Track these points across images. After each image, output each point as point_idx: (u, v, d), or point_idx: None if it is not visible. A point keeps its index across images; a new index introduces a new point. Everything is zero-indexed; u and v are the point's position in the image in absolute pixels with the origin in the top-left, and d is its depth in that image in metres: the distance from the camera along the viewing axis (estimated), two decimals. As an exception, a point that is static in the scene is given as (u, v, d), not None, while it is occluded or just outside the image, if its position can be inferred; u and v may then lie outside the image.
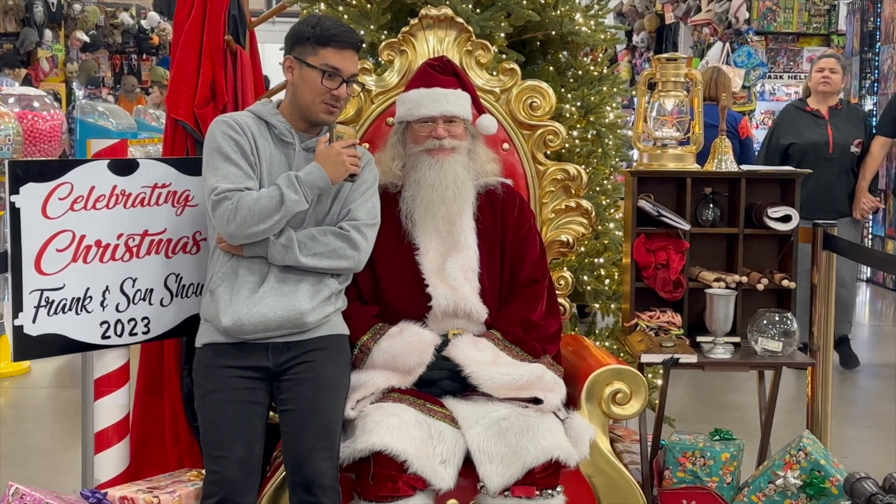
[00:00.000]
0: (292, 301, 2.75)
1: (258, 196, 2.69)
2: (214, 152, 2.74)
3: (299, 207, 2.72)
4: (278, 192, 2.69)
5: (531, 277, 3.07)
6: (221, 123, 2.78)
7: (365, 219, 2.85)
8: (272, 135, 2.82)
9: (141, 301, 2.95)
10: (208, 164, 2.75)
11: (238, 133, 2.76)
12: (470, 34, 3.40)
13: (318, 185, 2.74)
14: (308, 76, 2.78)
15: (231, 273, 2.77)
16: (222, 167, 2.72)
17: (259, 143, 2.79)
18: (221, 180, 2.71)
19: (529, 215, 3.17)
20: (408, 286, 2.98)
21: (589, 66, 4.19)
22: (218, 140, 2.75)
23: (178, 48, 3.36)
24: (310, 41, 2.77)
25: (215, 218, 2.71)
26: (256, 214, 2.67)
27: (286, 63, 2.82)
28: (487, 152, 3.12)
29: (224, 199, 2.68)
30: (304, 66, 2.78)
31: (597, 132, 4.03)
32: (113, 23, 14.12)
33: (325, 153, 2.76)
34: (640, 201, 3.46)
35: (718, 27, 10.50)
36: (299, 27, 2.82)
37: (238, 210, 2.67)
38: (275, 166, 2.80)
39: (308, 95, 2.80)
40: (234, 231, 2.69)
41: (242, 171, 2.73)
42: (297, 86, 2.81)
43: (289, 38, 2.83)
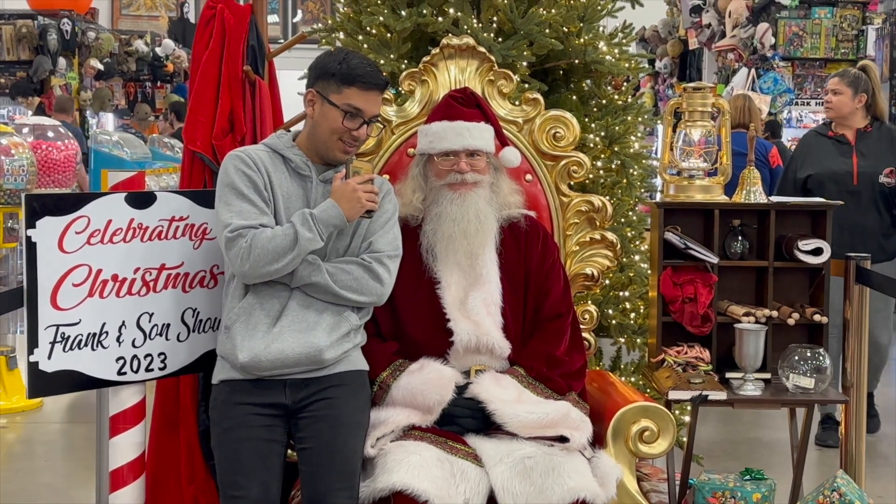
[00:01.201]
0: (310, 337, 2.76)
1: (272, 234, 2.70)
2: (227, 188, 2.76)
3: (314, 246, 2.73)
4: (292, 231, 2.70)
5: (555, 312, 3.06)
6: (234, 158, 2.80)
7: (387, 250, 2.86)
8: (288, 168, 2.83)
9: (157, 336, 2.96)
10: (221, 199, 2.77)
11: (251, 168, 2.77)
12: (492, 64, 3.42)
13: (334, 223, 2.75)
14: (329, 114, 2.80)
15: (247, 308, 2.78)
16: (235, 203, 2.74)
17: (274, 178, 2.80)
18: (235, 217, 2.72)
19: (553, 248, 3.17)
20: (429, 321, 2.98)
21: (613, 95, 4.21)
22: (231, 175, 2.76)
23: (196, 79, 3.39)
24: (335, 78, 2.78)
25: (229, 257, 2.73)
26: (270, 253, 2.68)
27: (307, 96, 2.83)
28: (510, 184, 3.13)
29: (238, 237, 2.70)
30: (325, 103, 2.80)
31: (621, 162, 4.03)
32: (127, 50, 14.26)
33: (341, 190, 2.77)
34: (666, 233, 3.46)
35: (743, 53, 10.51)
36: (325, 61, 2.82)
37: (252, 249, 2.68)
38: (292, 201, 2.81)
39: (326, 132, 2.81)
40: (247, 270, 2.71)
41: (256, 208, 2.74)
42: (317, 121, 2.82)
43: (313, 70, 2.84)
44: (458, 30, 3.79)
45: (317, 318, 2.78)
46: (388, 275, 2.85)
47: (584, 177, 3.45)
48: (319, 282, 2.77)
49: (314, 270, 2.76)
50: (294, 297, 2.79)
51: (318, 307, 2.79)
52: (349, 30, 4.02)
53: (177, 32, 15.35)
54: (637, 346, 4.12)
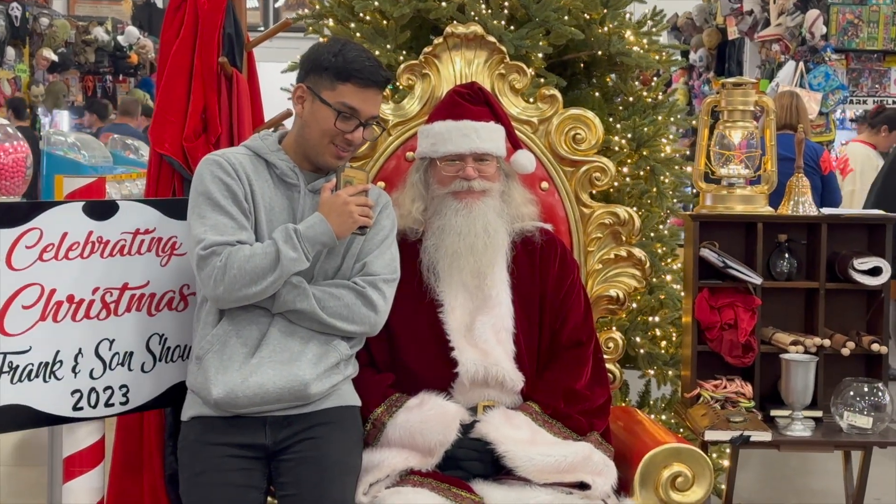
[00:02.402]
0: (294, 369, 2.76)
1: (251, 253, 2.69)
2: (201, 197, 2.76)
3: (298, 267, 2.73)
4: (274, 249, 2.70)
5: (575, 340, 3.07)
6: (210, 163, 2.80)
7: (383, 273, 2.86)
8: (272, 175, 2.84)
9: (119, 366, 2.96)
10: (194, 210, 2.76)
11: (230, 175, 2.77)
12: (503, 55, 3.43)
13: (321, 241, 2.75)
14: (320, 112, 2.80)
15: (222, 336, 2.78)
16: (210, 216, 2.74)
17: (256, 187, 2.80)
18: (209, 231, 2.72)
19: (572, 266, 3.18)
20: (430, 350, 2.98)
21: (641, 92, 4.22)
22: (206, 183, 2.76)
23: (164, 72, 3.41)
24: (328, 72, 2.78)
25: (201, 277, 2.72)
26: (248, 274, 2.68)
27: (296, 92, 2.84)
28: (523, 193, 3.14)
29: (212, 256, 2.69)
30: (316, 101, 2.80)
31: (651, 168, 4.05)
32: (85, 39, 14.31)
33: (330, 202, 2.77)
34: (702, 250, 3.46)
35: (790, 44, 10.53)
36: (319, 53, 2.82)
37: (227, 269, 2.68)
38: (276, 213, 2.82)
39: (316, 134, 2.82)
40: (221, 294, 2.70)
41: (234, 221, 2.74)
42: (306, 121, 2.83)
43: (304, 62, 2.85)
44: (464, 16, 3.81)
45: (301, 347, 2.79)
46: (383, 301, 2.85)
47: (608, 185, 3.46)
48: (305, 308, 2.77)
49: (299, 295, 2.77)
50: (275, 323, 2.79)
51: (302, 335, 2.80)
52: (339, 16, 4.05)
53: (142, 18, 15.43)
54: (668, 380, 4.12)
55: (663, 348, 4.06)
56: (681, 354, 3.81)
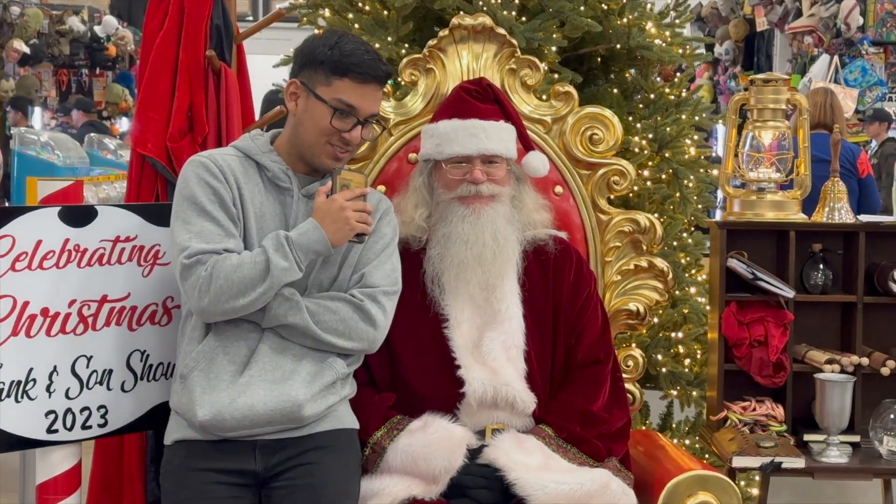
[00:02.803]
0: (286, 388, 2.75)
1: (238, 262, 2.69)
2: (187, 202, 2.76)
3: (290, 277, 2.72)
4: (263, 258, 2.69)
5: (591, 357, 3.06)
6: (196, 165, 2.80)
7: (383, 285, 2.86)
8: (263, 178, 2.84)
9: (97, 385, 2.96)
10: (178, 215, 2.76)
11: (217, 178, 2.77)
12: (514, 49, 3.43)
13: (315, 249, 2.74)
14: (315, 110, 2.80)
15: (208, 353, 2.78)
16: (195, 222, 2.73)
17: (245, 191, 2.80)
18: (194, 238, 2.71)
19: (589, 278, 3.17)
20: (434, 368, 2.98)
21: (663, 88, 4.23)
22: (192, 187, 2.76)
23: (147, 66, 3.41)
24: (324, 66, 2.78)
25: (185, 287, 2.72)
26: (235, 285, 2.67)
27: (290, 88, 2.84)
28: (536, 198, 3.14)
29: (196, 265, 2.69)
30: (310, 97, 2.80)
31: (673, 171, 4.05)
32: (59, 29, 14.33)
33: (325, 208, 2.76)
34: (730, 260, 3.46)
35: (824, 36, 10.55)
36: (314, 45, 2.82)
37: (212, 279, 2.67)
38: (267, 219, 2.81)
39: (311, 134, 2.82)
40: (206, 306, 2.70)
41: (221, 229, 2.74)
42: (300, 119, 2.83)
43: (299, 55, 2.85)
44: (471, 6, 3.81)
45: (294, 365, 2.78)
46: (382, 316, 2.85)
47: (627, 189, 3.46)
48: (297, 323, 2.76)
49: (291, 308, 2.76)
50: (266, 339, 2.79)
51: (295, 352, 2.79)
52: (337, 6, 4.06)
53: (121, 7, 15.44)
54: (693, 401, 4.12)
55: (687, 367, 4.06)
56: (706, 373, 3.81)
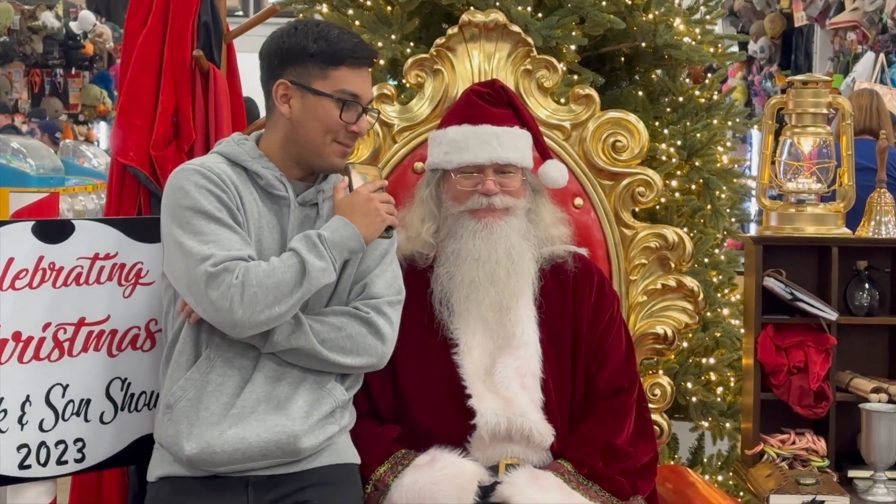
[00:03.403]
0: (281, 419, 2.76)
1: (270, 267, 2.68)
2: (190, 212, 2.72)
3: (327, 279, 2.73)
4: (297, 260, 2.69)
5: (614, 386, 3.07)
6: (191, 174, 2.77)
7: (387, 294, 2.87)
8: (256, 187, 2.85)
9: (74, 416, 2.96)
10: (184, 227, 2.71)
11: (219, 187, 2.76)
12: (530, 48, 3.44)
13: (349, 247, 2.76)
14: (318, 108, 2.80)
15: (198, 381, 2.78)
16: (209, 231, 2.70)
17: (245, 201, 2.80)
18: (214, 246, 2.68)
19: (612, 299, 3.18)
20: (442, 398, 2.99)
21: (693, 91, 4.23)
22: (194, 196, 2.73)
23: (128, 66, 3.42)
24: (315, 59, 2.79)
25: (213, 300, 2.66)
26: (271, 291, 2.66)
27: (278, 90, 2.82)
28: (554, 212, 3.15)
29: (224, 273, 2.65)
30: (309, 94, 2.80)
31: (704, 181, 4.05)
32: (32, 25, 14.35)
33: (352, 202, 2.79)
34: (766, 279, 3.46)
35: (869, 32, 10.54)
36: (292, 41, 2.81)
37: (245, 287, 2.65)
38: (264, 232, 2.82)
39: (316, 134, 2.82)
40: (241, 318, 2.66)
41: (238, 236, 2.73)
42: (299, 121, 2.82)
43: (275, 55, 2.83)
44: (483, 2, 3.82)
45: (290, 392, 2.79)
46: (390, 328, 2.86)
47: (653, 201, 3.46)
48: (303, 346, 2.77)
49: (295, 331, 2.76)
50: (262, 366, 2.79)
51: (292, 378, 2.80)
52: (335, 1, 4.06)
53: (99, 2, 15.50)
54: (726, 433, 4.11)
55: (720, 396, 4.06)
56: (741, 403, 3.80)
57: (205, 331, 2.79)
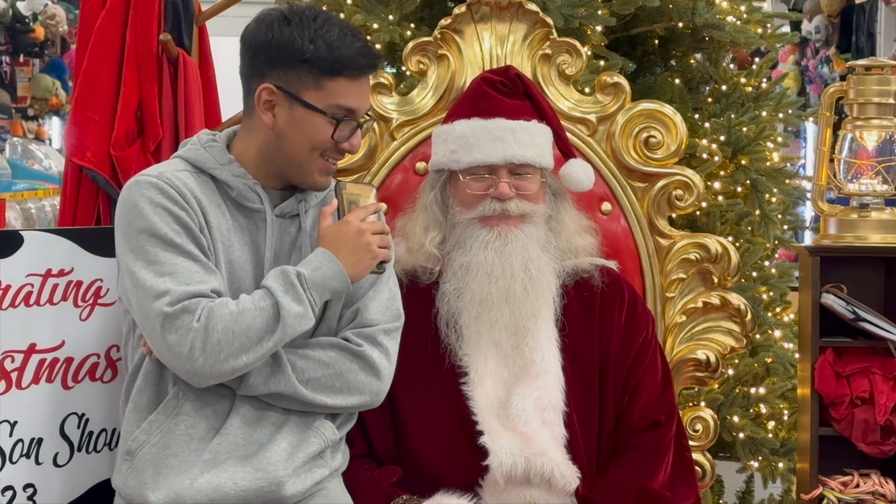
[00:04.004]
0: (262, 462, 2.75)
1: (239, 309, 2.66)
2: (144, 236, 2.70)
3: (304, 326, 2.71)
4: (270, 303, 2.67)
5: (649, 420, 3.07)
6: (145, 187, 2.73)
7: (382, 321, 2.86)
8: (225, 198, 2.81)
9: (23, 458, 2.96)
10: (138, 254, 2.69)
11: (176, 202, 2.72)
12: (549, 29, 3.44)
13: (331, 287, 2.73)
14: (307, 123, 2.77)
15: (164, 422, 2.77)
16: (165, 260, 2.68)
17: (210, 216, 2.77)
18: (171, 280, 2.66)
19: (645, 319, 3.19)
20: (449, 435, 3.00)
21: (738, 78, 4.23)
22: (147, 216, 2.70)
23: (85, 53, 3.42)
24: (309, 66, 2.74)
25: (170, 344, 2.65)
26: (238, 339, 2.64)
27: (262, 94, 2.77)
28: (578, 219, 3.15)
29: (183, 313, 2.63)
30: (297, 106, 2.76)
31: (752, 183, 4.05)
32: (-27, 6, 14.42)
33: (339, 234, 2.76)
34: (825, 296, 3.46)
35: (942, 9, 10.55)
36: (284, 36, 2.75)
37: (209, 332, 2.63)
38: (235, 251, 2.80)
39: (302, 150, 2.79)
40: (201, 366, 2.65)
41: (199, 265, 2.70)
42: (283, 134, 2.78)
43: (261, 48, 2.78)
44: (494, -23, 3.83)
45: (272, 432, 2.79)
46: (386, 361, 2.85)
47: (693, 206, 3.46)
48: (282, 391, 2.76)
49: (274, 372, 2.75)
50: (239, 407, 2.78)
51: (274, 417, 2.80)
52: (325, -24, 4.07)
53: (51, -20, 15.52)
54: (779, 475, 4.10)
55: (771, 431, 4.05)
56: (795, 440, 3.80)
57: None
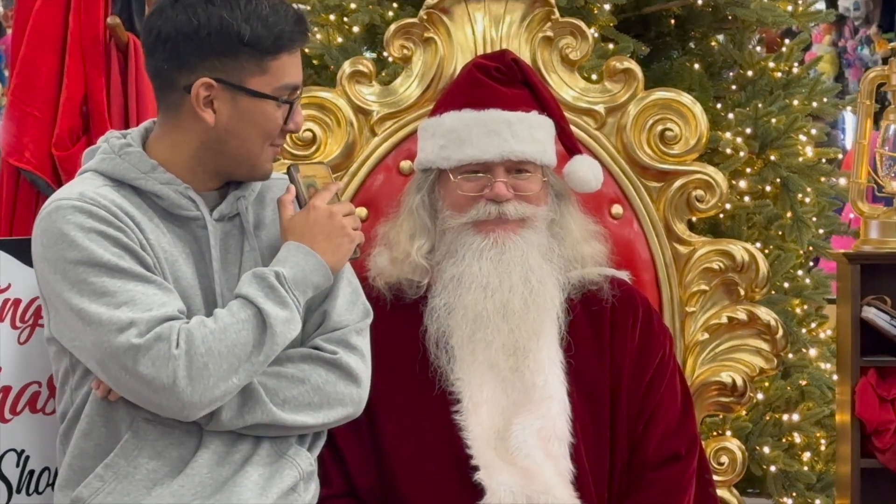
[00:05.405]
0: (232, 499, 2.75)
1: (218, 326, 2.66)
2: (83, 267, 2.66)
3: (292, 332, 2.72)
4: (252, 311, 2.67)
5: (668, 452, 3.08)
6: (72, 213, 2.69)
7: (351, 320, 2.87)
8: (156, 210, 2.79)
9: (-46, 501, 2.98)
10: (83, 286, 2.66)
11: (112, 225, 2.70)
12: (550, 8, 3.45)
13: (314, 283, 2.75)
14: (257, 112, 2.77)
15: (123, 464, 2.76)
16: (117, 288, 2.66)
17: (148, 232, 2.75)
18: (131, 309, 2.64)
19: (662, 337, 3.19)
20: (440, 470, 3.00)
21: (766, 62, 4.24)
22: (82, 244, 2.67)
23: (22, 40, 3.42)
24: (249, 49, 2.74)
25: (148, 378, 2.62)
26: (226, 357, 2.65)
27: (199, 91, 2.74)
28: (584, 223, 3.15)
29: (158, 342, 2.62)
30: (241, 96, 2.76)
31: (783, 181, 4.05)
32: None
33: (308, 222, 2.78)
34: (866, 309, 3.46)
35: None
36: (213, 20, 2.71)
37: (192, 357, 2.62)
38: (180, 266, 2.79)
39: (254, 143, 2.79)
40: (189, 397, 2.63)
41: (154, 286, 2.69)
42: (230, 130, 2.77)
43: (185, 38, 2.73)
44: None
45: (240, 465, 2.79)
46: (363, 364, 2.86)
47: (716, 208, 3.46)
48: (260, 421, 2.76)
49: (246, 402, 2.74)
50: (208, 443, 2.77)
51: (245, 450, 2.79)
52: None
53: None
54: (816, 512, 4.12)
55: (806, 464, 4.06)
56: (834, 473, 3.80)
57: (123, 408, 2.76)
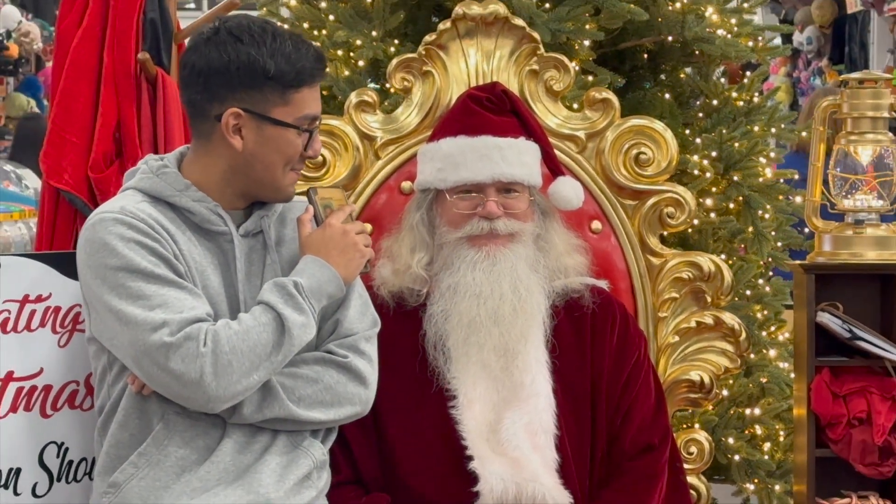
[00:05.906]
0: (254, 484, 2.75)
1: (242, 328, 2.68)
2: (123, 273, 2.69)
3: (308, 336, 2.74)
4: (272, 315, 2.69)
5: (643, 443, 3.08)
6: (114, 224, 2.73)
7: (361, 328, 2.88)
8: (189, 225, 2.81)
9: (1, 489, 2.95)
10: (122, 290, 2.68)
11: (149, 236, 2.72)
12: (536, 44, 3.45)
13: (328, 292, 2.77)
14: (280, 140, 2.79)
15: (154, 452, 2.77)
16: (151, 293, 2.68)
17: (182, 245, 2.78)
18: (164, 311, 2.66)
19: (637, 340, 3.19)
20: (438, 460, 3.00)
21: (729, 92, 4.23)
22: (122, 253, 2.69)
23: (62, 73, 3.42)
24: (274, 82, 2.77)
25: (178, 374, 2.65)
26: (247, 357, 2.67)
27: (228, 120, 2.77)
28: (567, 238, 3.15)
29: (188, 341, 2.64)
30: (266, 125, 2.78)
31: (745, 199, 4.05)
32: (-55, 23, 14.39)
33: (325, 238, 2.81)
34: (820, 314, 3.46)
35: (936, 19, 10.57)
36: (241, 56, 2.74)
37: (218, 355, 2.64)
38: (209, 277, 2.80)
39: (276, 167, 2.81)
40: (214, 391, 2.65)
41: (187, 292, 2.71)
42: (255, 155, 2.80)
43: (217, 72, 2.76)
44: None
45: (260, 454, 2.79)
46: (370, 367, 2.87)
47: (685, 224, 3.46)
48: (277, 415, 2.76)
49: (265, 397, 2.75)
50: (231, 434, 2.78)
51: (264, 441, 2.80)
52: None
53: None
54: (776, 497, 4.10)
55: (767, 453, 4.05)
56: (792, 462, 3.80)
57: (155, 401, 2.77)
